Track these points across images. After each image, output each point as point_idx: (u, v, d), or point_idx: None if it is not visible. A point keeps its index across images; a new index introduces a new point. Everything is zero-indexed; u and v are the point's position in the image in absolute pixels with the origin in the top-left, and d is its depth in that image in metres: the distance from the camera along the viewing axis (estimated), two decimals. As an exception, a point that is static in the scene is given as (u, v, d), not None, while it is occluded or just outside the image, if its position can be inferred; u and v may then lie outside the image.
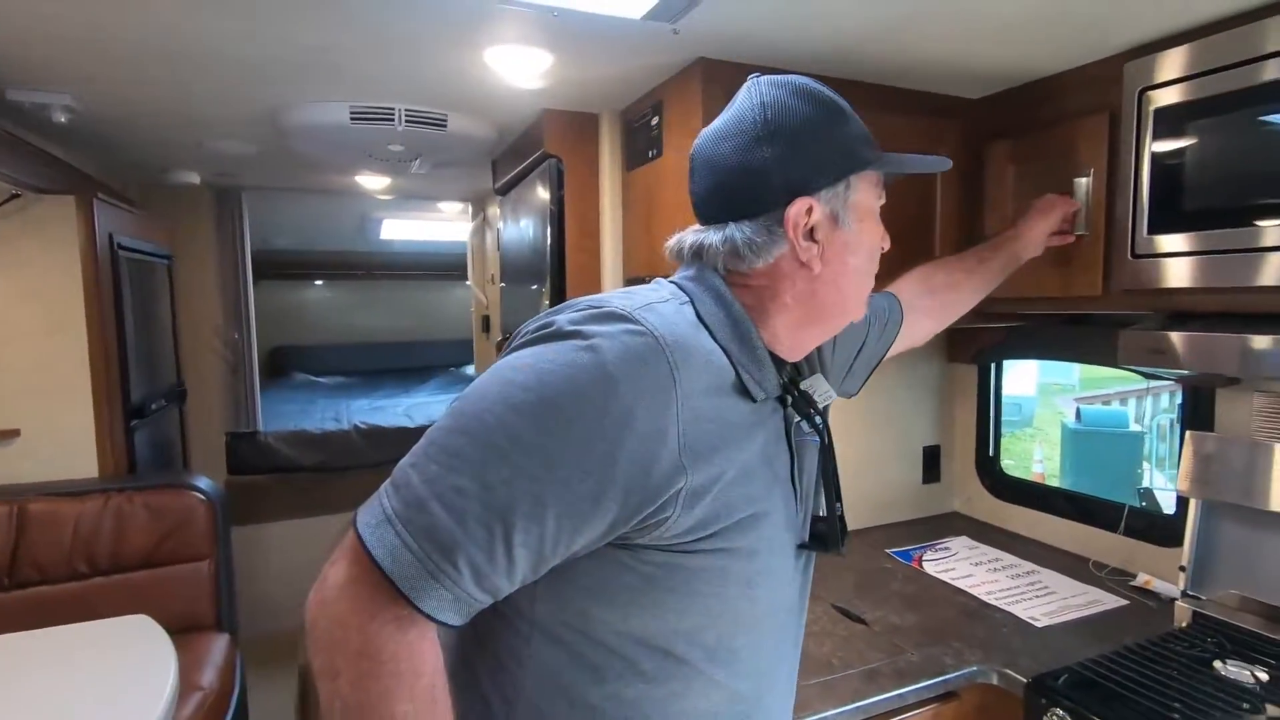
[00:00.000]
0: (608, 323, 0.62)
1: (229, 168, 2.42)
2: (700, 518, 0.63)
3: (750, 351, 0.69)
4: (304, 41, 1.25)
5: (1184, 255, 1.15)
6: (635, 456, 0.59)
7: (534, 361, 0.61)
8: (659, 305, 0.66)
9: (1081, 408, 6.79)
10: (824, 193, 0.69)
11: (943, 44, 1.28)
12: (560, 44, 1.23)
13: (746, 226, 0.70)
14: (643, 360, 0.60)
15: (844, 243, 0.71)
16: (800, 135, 0.69)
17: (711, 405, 0.64)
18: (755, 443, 0.69)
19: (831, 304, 0.73)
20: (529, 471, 0.57)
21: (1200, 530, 1.41)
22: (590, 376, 0.59)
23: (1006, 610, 1.48)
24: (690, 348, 0.63)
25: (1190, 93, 1.13)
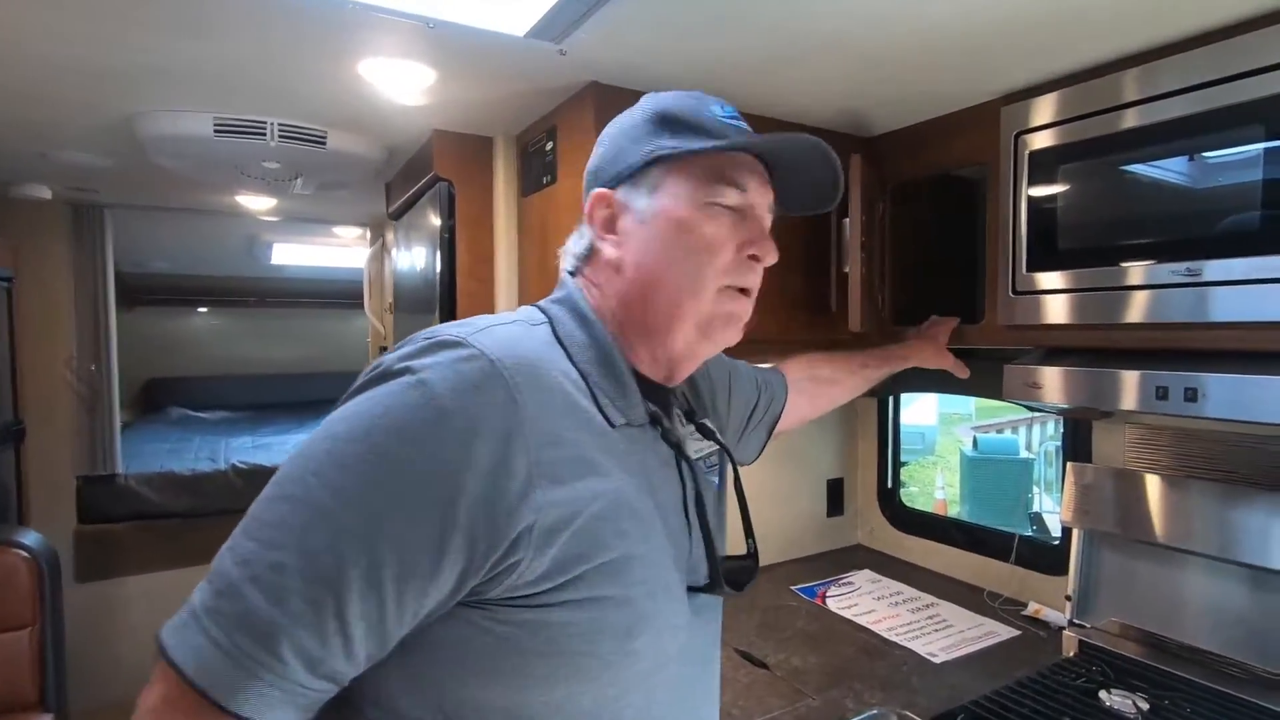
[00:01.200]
0: (437, 352, 0.57)
1: (85, 182, 2.19)
2: (558, 559, 0.56)
3: (611, 374, 0.65)
4: (155, 46, 1.12)
5: (1059, 293, 1.19)
6: (479, 495, 0.53)
7: (361, 408, 0.55)
8: (499, 328, 0.62)
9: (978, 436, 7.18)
10: (624, 186, 0.68)
11: (826, 87, 1.29)
12: (443, 60, 1.16)
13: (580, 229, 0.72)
14: (477, 387, 0.55)
15: (643, 236, 0.67)
16: (615, 133, 0.71)
17: (567, 429, 0.59)
18: (629, 471, 0.63)
19: (656, 305, 0.67)
20: (357, 530, 0.51)
21: (1083, 560, 1.45)
22: (419, 414, 0.54)
23: (906, 647, 1.46)
24: (536, 368, 0.59)
25: (1060, 137, 1.18)
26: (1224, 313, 1.00)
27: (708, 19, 1.01)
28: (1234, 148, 0.98)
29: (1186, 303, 1.03)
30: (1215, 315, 1.01)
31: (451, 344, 0.58)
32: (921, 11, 0.99)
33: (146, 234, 3.25)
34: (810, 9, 0.98)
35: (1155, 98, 1.05)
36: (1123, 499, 1.36)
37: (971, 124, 1.37)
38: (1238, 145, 0.98)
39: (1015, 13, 1.00)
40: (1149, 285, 1.07)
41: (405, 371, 0.56)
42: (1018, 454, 6.33)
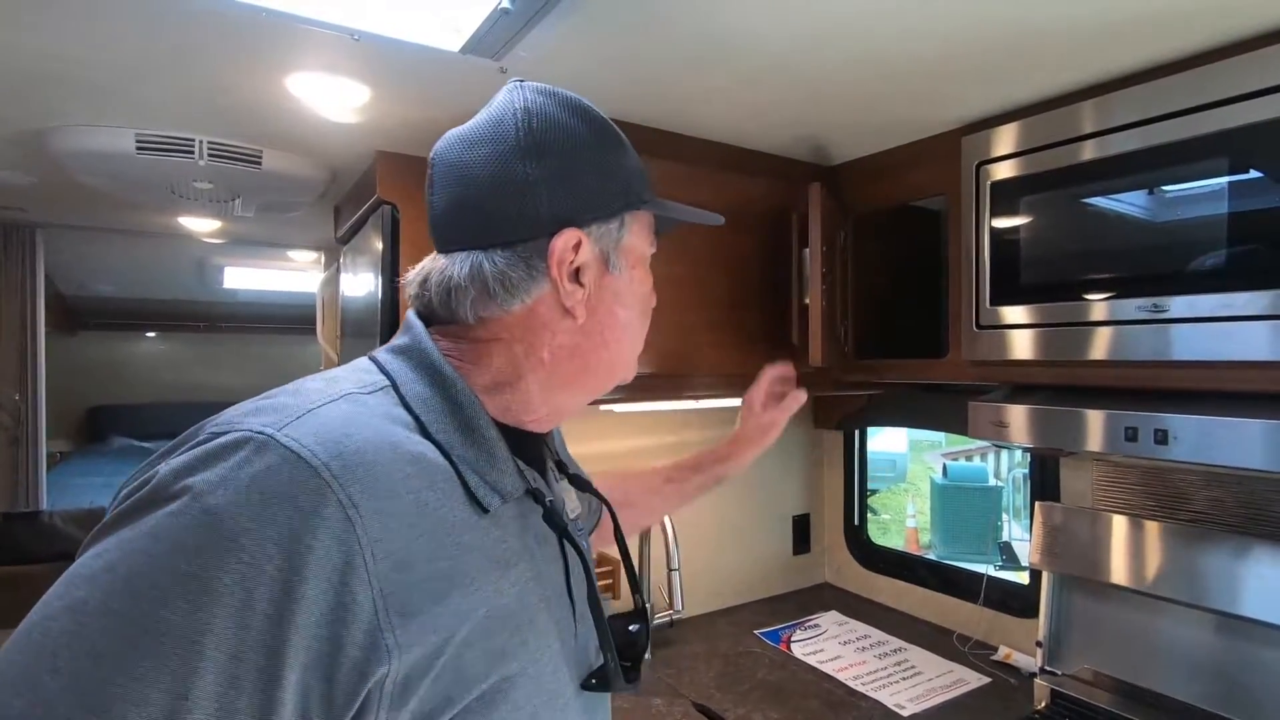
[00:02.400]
0: (228, 458, 0.42)
1: (8, 199, 2.06)
2: (419, 713, 0.44)
3: (478, 444, 0.53)
4: (60, 54, 1.04)
5: (1024, 328, 1.15)
6: (309, 657, 0.40)
7: (118, 558, 0.40)
8: (323, 409, 0.47)
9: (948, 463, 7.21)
10: (595, 228, 0.58)
11: (779, 113, 1.25)
12: (376, 76, 1.09)
13: (499, 257, 0.55)
14: (292, 506, 0.41)
15: (614, 290, 0.60)
16: (572, 156, 0.57)
17: (427, 536, 0.46)
18: (508, 565, 0.52)
19: (597, 363, 0.61)
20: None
21: (1053, 604, 1.39)
22: (209, 558, 0.39)
23: (873, 698, 1.39)
24: (377, 462, 0.45)
25: (1022, 168, 1.14)
26: (1190, 351, 0.96)
27: (647, 38, 0.96)
28: (1198, 181, 0.95)
29: (1152, 340, 0.99)
30: (1181, 354, 0.97)
31: (251, 444, 0.43)
32: (863, 36, 0.95)
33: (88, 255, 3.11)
34: (750, 30, 0.94)
35: (1117, 129, 1.02)
36: (1092, 541, 1.31)
37: (933, 154, 1.34)
38: (1202, 179, 0.94)
39: (960, 39, 0.96)
40: (1114, 321, 1.03)
41: (182, 493, 0.41)
42: (987, 481, 6.36)
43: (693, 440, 1.82)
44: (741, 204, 1.42)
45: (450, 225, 0.57)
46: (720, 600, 1.87)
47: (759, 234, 1.47)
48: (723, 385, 1.43)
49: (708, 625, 1.77)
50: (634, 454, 1.73)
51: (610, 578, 1.61)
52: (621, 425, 1.71)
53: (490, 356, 0.58)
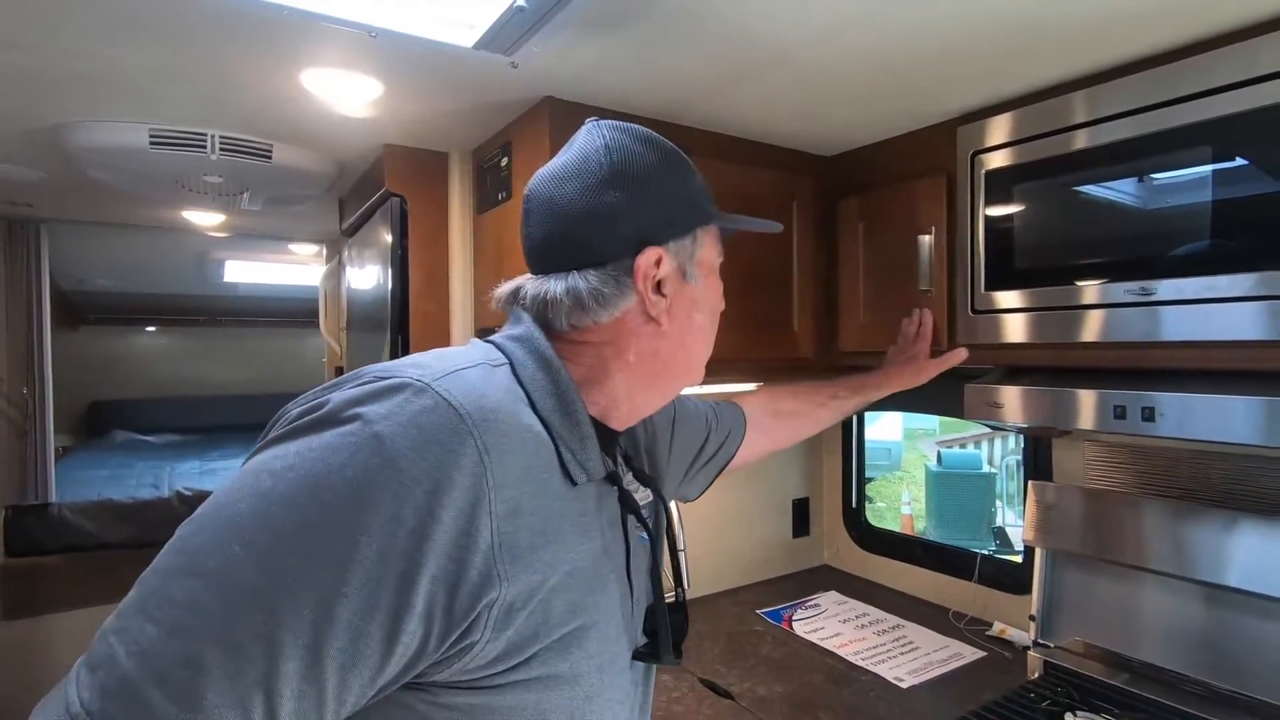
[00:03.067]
0: (393, 397, 0.50)
1: (16, 195, 2.08)
2: (513, 640, 0.51)
3: (574, 426, 0.60)
4: (81, 51, 1.06)
5: (1017, 311, 1.19)
6: (439, 572, 0.47)
7: (298, 461, 0.47)
8: (466, 371, 0.55)
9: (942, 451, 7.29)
10: (672, 244, 0.65)
11: (783, 105, 1.29)
12: (389, 71, 1.12)
13: (592, 276, 0.62)
14: (441, 444, 0.49)
15: (691, 298, 0.67)
16: (649, 182, 0.64)
17: (532, 493, 0.53)
18: (588, 534, 0.59)
19: (675, 364, 0.68)
20: (298, 615, 0.43)
21: (1046, 579, 1.44)
22: (374, 474, 0.46)
23: (873, 672, 1.44)
24: (505, 421, 0.53)
25: (1016, 157, 1.18)
26: (1177, 332, 1.00)
27: (655, 33, 0.99)
28: (1184, 169, 0.99)
29: (1141, 322, 1.04)
30: (1168, 334, 1.01)
31: (410, 388, 0.51)
32: (867, 30, 0.99)
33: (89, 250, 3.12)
34: (755, 25, 0.97)
35: (1105, 119, 1.06)
36: (1083, 518, 1.35)
37: (929, 144, 1.37)
38: (1187, 167, 0.98)
39: (957, 33, 0.99)
40: (1104, 304, 1.07)
41: (354, 419, 0.48)
42: (980, 469, 6.43)
43: (695, 426, 1.86)
44: (743, 193, 1.46)
45: (547, 252, 0.65)
46: (723, 582, 1.92)
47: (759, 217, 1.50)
48: (727, 370, 1.46)
49: (712, 605, 1.82)
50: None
51: (617, 560, 1.66)
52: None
53: (582, 356, 0.65)
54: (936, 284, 1.34)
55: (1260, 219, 0.92)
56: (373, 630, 0.45)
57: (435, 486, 0.47)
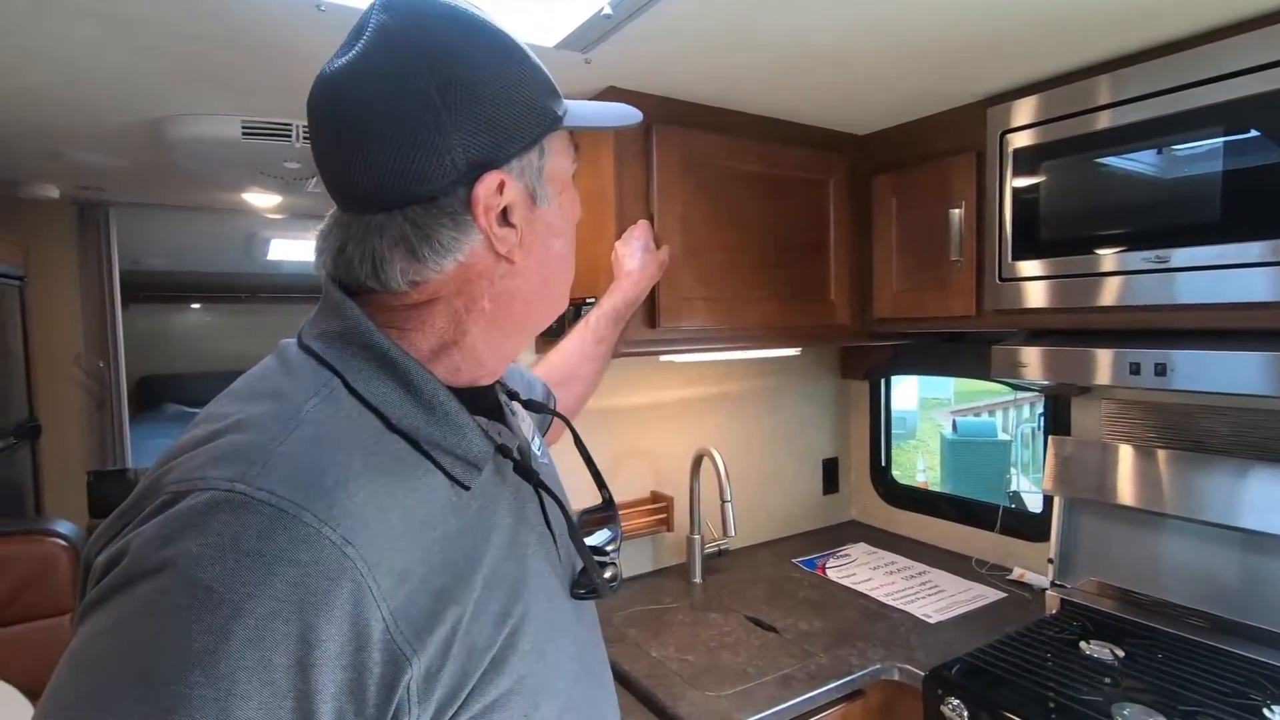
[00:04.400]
0: (207, 525, 0.41)
1: (94, 181, 2.22)
2: (445, 694, 0.46)
3: (440, 420, 0.52)
4: (179, 54, 1.18)
5: (1041, 279, 1.30)
6: (338, 687, 0.41)
7: (114, 648, 0.39)
8: (287, 442, 0.45)
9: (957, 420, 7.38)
10: (515, 163, 0.53)
11: (822, 90, 1.39)
12: (471, 67, 1.23)
13: (417, 216, 0.50)
14: (288, 562, 0.40)
15: (546, 223, 0.56)
16: (477, 83, 0.50)
17: (417, 540, 0.47)
18: (494, 529, 0.54)
19: (537, 300, 0.58)
20: None
21: (1063, 525, 1.57)
22: (216, 633, 0.38)
23: (903, 610, 1.58)
24: (356, 484, 0.45)
25: (1041, 136, 1.28)
26: (1189, 295, 1.11)
27: (721, 37, 1.10)
28: (1198, 143, 1.09)
29: (1156, 287, 1.14)
30: (1182, 298, 1.12)
31: (225, 504, 0.41)
32: (906, 25, 1.09)
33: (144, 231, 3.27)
34: (806, 23, 1.07)
35: (1125, 101, 1.16)
36: (1099, 468, 1.48)
37: (958, 124, 1.47)
38: (1201, 141, 1.08)
39: (988, 23, 1.09)
40: (1122, 271, 1.18)
41: (164, 569, 0.39)
42: (996, 436, 6.53)
43: (733, 391, 2.00)
44: (783, 171, 1.57)
45: (351, 184, 0.51)
46: (759, 535, 2.07)
47: (798, 199, 1.61)
48: (767, 337, 1.59)
49: (750, 556, 1.97)
50: (683, 404, 1.90)
51: (664, 512, 1.80)
52: (672, 376, 1.88)
53: (431, 319, 0.54)
54: (966, 254, 1.45)
55: (1270, 190, 1.02)
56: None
57: (298, 610, 0.40)
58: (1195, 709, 1.11)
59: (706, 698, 1.23)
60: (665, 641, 1.45)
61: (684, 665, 1.36)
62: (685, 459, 1.82)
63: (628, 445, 1.81)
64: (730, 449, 1.95)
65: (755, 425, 2.06)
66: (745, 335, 1.56)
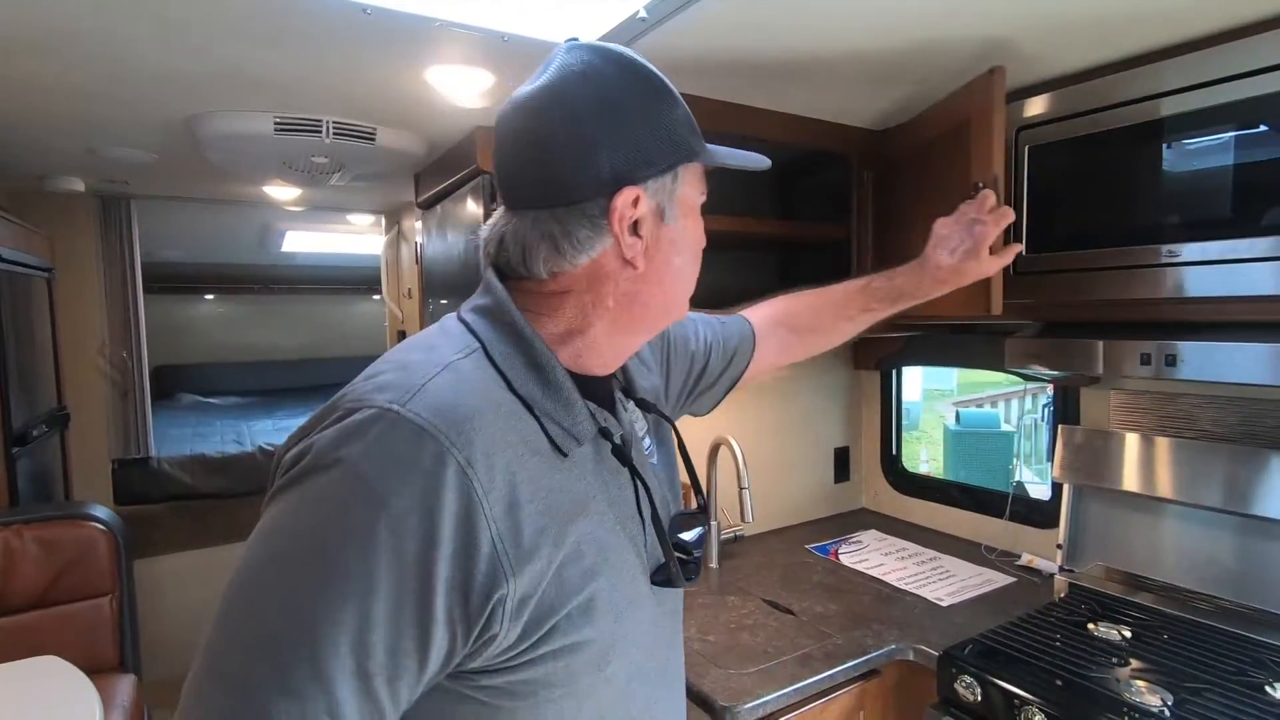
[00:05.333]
0: (368, 432, 0.52)
1: (120, 175, 2.26)
2: (531, 621, 0.55)
3: (556, 395, 0.61)
4: (224, 53, 1.22)
5: (1056, 273, 1.33)
6: (450, 582, 0.51)
7: (298, 520, 0.52)
8: (434, 381, 0.55)
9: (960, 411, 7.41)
10: (651, 183, 0.62)
11: (841, 86, 1.42)
12: (505, 67, 1.27)
13: (564, 216, 0.60)
14: (423, 470, 0.51)
15: (670, 240, 0.65)
16: (628, 115, 0.60)
17: (525, 481, 0.56)
18: (586, 498, 0.61)
19: (655, 306, 0.67)
20: (338, 654, 0.49)
21: (1072, 512, 1.62)
22: (368, 516, 0.50)
23: (916, 593, 1.63)
24: (483, 425, 0.54)
25: (1057, 133, 1.31)
26: (1199, 289, 1.15)
27: (746, 33, 1.14)
28: (1209, 139, 1.13)
29: (1167, 280, 1.18)
30: (1192, 291, 1.16)
31: (384, 420, 0.52)
32: (926, 26, 1.13)
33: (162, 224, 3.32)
34: (832, 25, 1.11)
35: (1140, 99, 1.19)
36: (1108, 456, 1.52)
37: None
38: (1212, 139, 1.12)
39: (1007, 23, 1.13)
40: (1134, 265, 1.22)
41: (336, 464, 0.51)
42: (999, 427, 6.56)
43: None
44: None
45: (519, 186, 0.62)
46: (771, 523, 2.12)
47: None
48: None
49: (764, 542, 2.02)
50: (699, 393, 1.95)
51: (683, 498, 1.85)
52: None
53: (563, 308, 0.63)
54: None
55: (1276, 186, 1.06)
56: (405, 646, 0.50)
57: (427, 512, 0.50)
58: (1201, 686, 1.15)
59: (729, 675, 1.28)
60: (687, 623, 1.50)
61: (706, 645, 1.41)
62: (703, 447, 1.87)
63: (646, 434, 1.86)
64: (744, 437, 1.98)
65: (769, 414, 2.10)
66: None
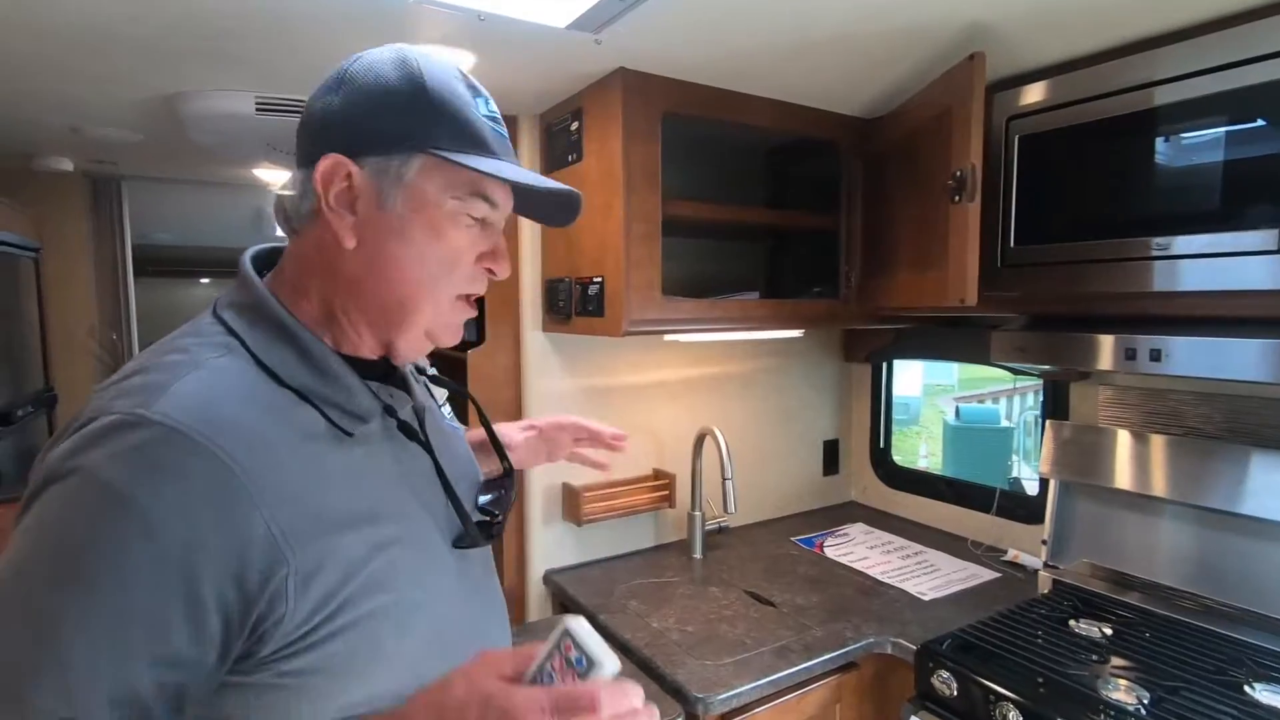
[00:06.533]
0: (110, 438, 0.49)
1: (108, 155, 2.24)
2: (324, 593, 0.55)
3: (332, 381, 0.61)
4: (202, 29, 1.19)
5: (1043, 265, 1.31)
6: (221, 574, 0.50)
7: (45, 536, 0.49)
8: (183, 383, 0.53)
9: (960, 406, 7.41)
10: (370, 160, 0.60)
11: (828, 73, 1.40)
12: (484, 47, 1.25)
13: (298, 179, 0.62)
14: (178, 471, 0.49)
15: (388, 226, 0.61)
16: (370, 94, 0.60)
17: (301, 471, 0.56)
18: (380, 472, 0.64)
19: (380, 294, 0.63)
20: (112, 664, 0.47)
21: (1058, 508, 1.60)
22: (117, 521, 0.47)
23: (898, 587, 1.62)
24: (240, 417, 0.53)
25: (1048, 123, 1.29)
26: (1189, 283, 1.13)
27: (728, 20, 1.12)
28: (1202, 132, 1.10)
29: (1157, 274, 1.16)
30: (1182, 285, 1.14)
31: (127, 425, 0.50)
32: (918, 9, 1.10)
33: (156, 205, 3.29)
34: (819, 5, 1.08)
35: (1130, 89, 1.17)
36: (1095, 452, 1.51)
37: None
38: (1204, 131, 1.10)
39: (1006, 9, 1.10)
40: (1125, 258, 1.20)
41: (74, 473, 0.48)
42: (998, 423, 6.55)
43: (736, 371, 2.02)
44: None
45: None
46: (758, 514, 2.11)
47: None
48: (771, 318, 1.61)
49: (750, 534, 2.01)
50: (686, 383, 1.93)
51: (666, 489, 1.84)
52: (677, 355, 1.91)
53: (308, 292, 0.63)
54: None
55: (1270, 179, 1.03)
56: (177, 647, 0.49)
57: (185, 512, 0.48)
58: (1179, 684, 1.14)
59: (705, 666, 1.28)
60: (666, 613, 1.50)
61: (684, 636, 1.40)
62: (688, 437, 1.86)
63: (632, 423, 1.85)
64: (732, 429, 1.98)
65: (758, 406, 2.09)
66: (750, 317, 1.58)
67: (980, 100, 1.18)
